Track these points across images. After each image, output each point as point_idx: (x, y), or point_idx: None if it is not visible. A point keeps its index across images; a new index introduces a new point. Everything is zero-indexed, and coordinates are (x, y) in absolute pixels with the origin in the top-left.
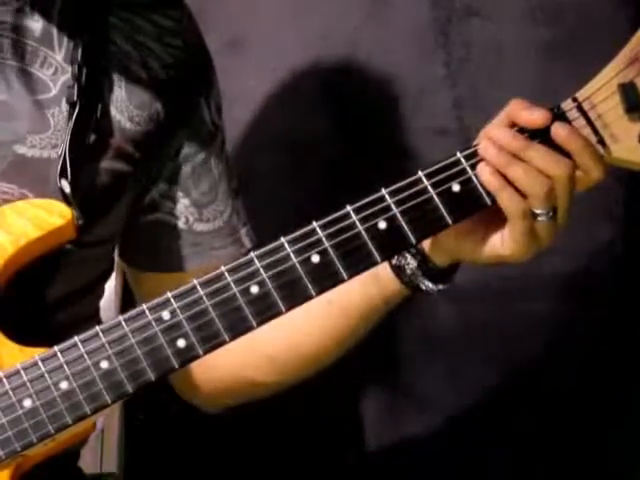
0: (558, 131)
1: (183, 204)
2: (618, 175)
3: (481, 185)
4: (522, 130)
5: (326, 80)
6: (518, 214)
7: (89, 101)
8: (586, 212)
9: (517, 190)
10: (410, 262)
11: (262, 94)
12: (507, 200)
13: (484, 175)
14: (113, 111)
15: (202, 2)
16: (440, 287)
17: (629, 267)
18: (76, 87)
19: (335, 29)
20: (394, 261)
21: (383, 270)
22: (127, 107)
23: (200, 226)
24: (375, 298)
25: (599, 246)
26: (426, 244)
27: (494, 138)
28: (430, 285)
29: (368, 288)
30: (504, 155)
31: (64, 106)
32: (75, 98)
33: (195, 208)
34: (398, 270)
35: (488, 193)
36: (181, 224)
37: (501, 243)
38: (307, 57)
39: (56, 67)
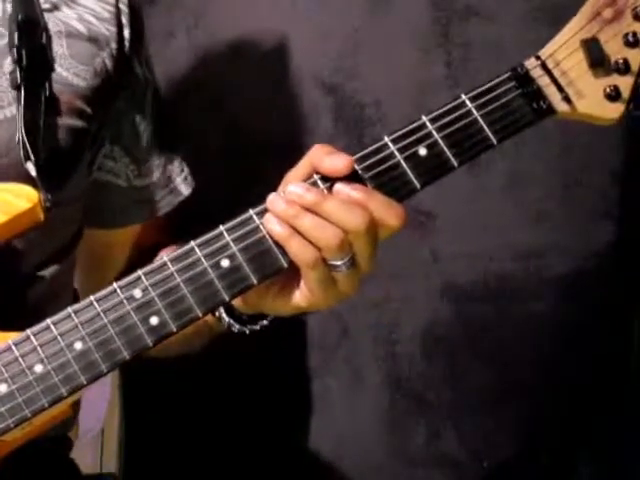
0: (337, 189)
1: (123, 163)
2: (617, 175)
3: (448, 148)
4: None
5: (326, 80)
6: (308, 264)
7: (34, 80)
8: (585, 212)
9: (307, 239)
10: None
11: (261, 94)
12: (295, 249)
13: (269, 224)
14: (59, 69)
15: (202, 2)
16: (250, 328)
17: (629, 267)
18: (18, 71)
19: (335, 29)
20: None
21: None
22: (71, 64)
23: (139, 181)
24: (200, 324)
25: (599, 246)
26: None
27: (290, 197)
28: (237, 326)
29: None
30: (291, 208)
31: (7, 68)
32: (19, 81)
33: (135, 165)
34: None
35: (455, 155)
36: (122, 182)
37: (299, 294)
38: (307, 57)
39: None
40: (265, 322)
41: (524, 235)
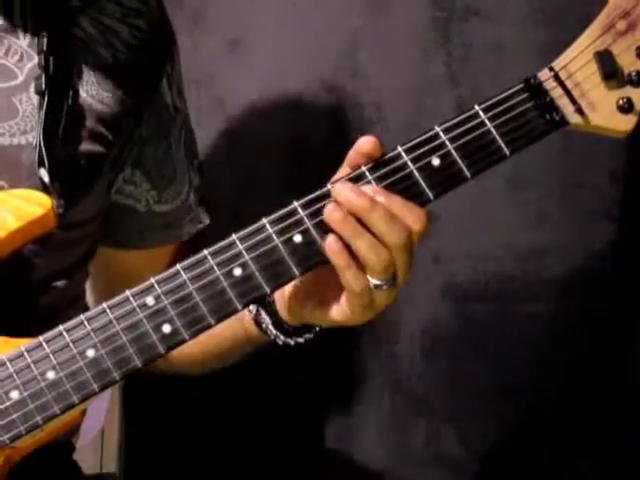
0: (366, 189)
1: (144, 188)
2: (617, 175)
3: (460, 159)
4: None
5: (326, 80)
6: (357, 292)
7: (58, 89)
8: (585, 212)
9: (359, 264)
10: (265, 318)
11: (262, 94)
12: (349, 279)
13: (333, 247)
14: (83, 94)
15: (202, 2)
16: (295, 340)
17: (629, 267)
18: (44, 77)
19: (335, 29)
20: (252, 314)
21: (247, 316)
22: (97, 90)
23: (159, 207)
24: (240, 337)
25: (599, 246)
26: (278, 304)
27: (339, 198)
28: (282, 338)
29: (235, 329)
30: (350, 223)
31: (32, 92)
32: (43, 88)
33: (155, 191)
34: (256, 322)
35: (468, 166)
36: (141, 207)
37: (337, 310)
38: (307, 57)
39: (21, 54)
40: (310, 335)
41: (524, 235)
